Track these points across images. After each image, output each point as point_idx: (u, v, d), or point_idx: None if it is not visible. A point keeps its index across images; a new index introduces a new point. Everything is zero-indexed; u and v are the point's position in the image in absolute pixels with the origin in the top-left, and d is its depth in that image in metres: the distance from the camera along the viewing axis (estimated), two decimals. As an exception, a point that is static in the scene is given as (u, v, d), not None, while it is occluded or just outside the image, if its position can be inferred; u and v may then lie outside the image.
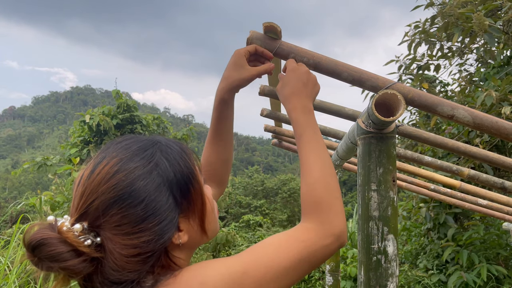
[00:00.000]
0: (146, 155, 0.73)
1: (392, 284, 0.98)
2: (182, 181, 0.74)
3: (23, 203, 6.89)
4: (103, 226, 0.68)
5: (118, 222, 0.67)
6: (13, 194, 28.60)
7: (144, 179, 0.70)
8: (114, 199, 0.68)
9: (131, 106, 8.17)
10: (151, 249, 0.68)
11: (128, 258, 0.67)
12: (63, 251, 0.64)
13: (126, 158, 0.72)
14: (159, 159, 0.73)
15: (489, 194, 2.22)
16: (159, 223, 0.69)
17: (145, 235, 0.68)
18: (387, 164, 1.00)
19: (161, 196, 0.70)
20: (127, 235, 0.67)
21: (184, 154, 0.77)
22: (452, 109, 0.95)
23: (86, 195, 0.69)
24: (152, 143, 0.75)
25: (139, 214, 0.68)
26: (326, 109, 1.55)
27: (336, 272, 2.89)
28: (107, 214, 0.67)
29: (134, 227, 0.68)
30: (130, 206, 0.68)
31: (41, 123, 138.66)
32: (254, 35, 1.01)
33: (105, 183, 0.68)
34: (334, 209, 0.81)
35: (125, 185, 0.68)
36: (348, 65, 1.00)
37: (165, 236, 0.70)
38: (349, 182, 36.44)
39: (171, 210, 0.71)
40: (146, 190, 0.69)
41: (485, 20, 3.84)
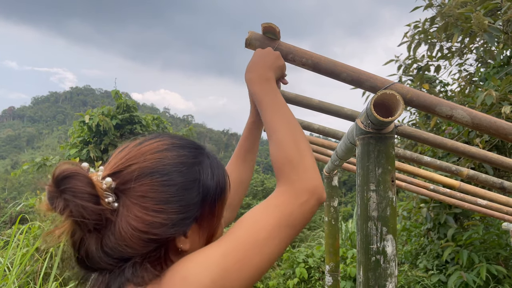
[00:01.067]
0: (195, 151, 0.76)
1: (391, 284, 0.98)
2: (213, 191, 0.74)
3: (22, 204, 6.88)
4: (128, 192, 0.68)
5: (144, 193, 0.67)
6: (13, 194, 28.58)
7: (187, 168, 0.71)
8: (153, 170, 0.69)
9: (131, 107, 8.17)
10: (157, 232, 0.67)
11: (134, 232, 0.66)
12: (87, 191, 0.64)
13: (178, 144, 0.75)
14: (204, 159, 0.76)
15: (489, 194, 2.22)
16: (178, 213, 0.69)
17: (161, 217, 0.67)
18: (386, 165, 1.00)
19: (193, 191, 0.71)
20: (145, 210, 0.67)
21: (224, 171, 0.80)
22: (450, 109, 0.95)
23: (127, 158, 0.70)
24: (201, 147, 0.79)
25: (166, 196, 0.68)
26: (325, 109, 1.55)
27: (336, 273, 2.89)
28: (139, 182, 0.68)
29: (156, 205, 0.67)
30: (162, 183, 0.68)
31: (41, 123, 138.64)
32: (253, 36, 1.01)
33: (152, 153, 0.71)
34: (303, 165, 0.78)
35: (169, 163, 0.70)
36: (347, 65, 1.00)
37: (175, 229, 0.69)
38: (348, 182, 36.44)
39: (192, 210, 0.71)
40: (184, 178, 0.70)
41: (484, 20, 3.84)
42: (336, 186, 2.91)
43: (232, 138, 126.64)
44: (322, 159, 2.80)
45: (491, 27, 3.95)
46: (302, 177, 0.77)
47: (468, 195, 2.48)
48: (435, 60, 5.83)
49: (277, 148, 0.82)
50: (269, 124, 0.86)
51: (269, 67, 0.95)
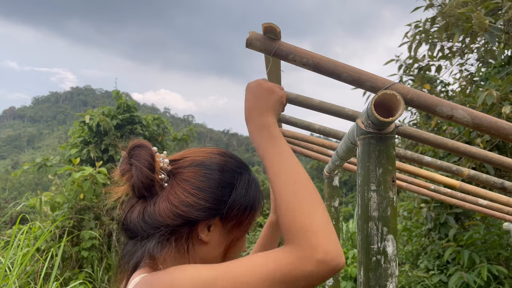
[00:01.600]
0: (241, 165, 0.90)
1: (391, 284, 0.98)
2: (243, 200, 0.85)
3: (23, 204, 6.89)
4: (177, 175, 0.84)
5: (187, 178, 0.83)
6: (13, 194, 28.61)
7: (228, 171, 0.86)
8: (201, 162, 0.85)
9: (131, 107, 8.17)
10: (185, 210, 0.80)
11: (168, 205, 0.80)
12: (147, 159, 0.81)
13: (229, 155, 0.91)
14: (245, 174, 0.89)
15: (489, 194, 2.21)
16: (206, 201, 0.81)
17: (191, 199, 0.81)
18: (386, 165, 1.00)
19: (224, 190, 0.83)
20: (183, 190, 0.82)
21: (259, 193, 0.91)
22: (451, 110, 0.94)
23: (188, 152, 0.89)
24: (248, 166, 0.92)
25: (202, 185, 0.82)
26: (326, 109, 1.55)
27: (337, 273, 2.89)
28: (187, 169, 0.84)
29: (192, 189, 0.82)
30: (204, 174, 0.83)
31: (41, 123, 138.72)
32: (253, 36, 1.01)
33: (206, 153, 0.88)
34: (312, 229, 0.71)
35: (215, 162, 0.86)
36: (347, 65, 1.00)
37: (200, 213, 0.81)
38: (349, 182, 36.44)
39: (218, 205, 0.82)
40: (222, 176, 0.84)
41: (485, 19, 3.83)
42: (336, 186, 2.91)
43: (232, 138, 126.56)
44: (323, 159, 2.80)
45: (492, 27, 3.95)
46: (311, 244, 0.70)
47: (469, 195, 2.48)
48: (436, 60, 5.82)
49: (282, 212, 0.76)
50: (273, 184, 0.80)
51: (265, 108, 0.88)
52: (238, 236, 0.86)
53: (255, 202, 0.88)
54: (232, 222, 0.84)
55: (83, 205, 6.39)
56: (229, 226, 0.84)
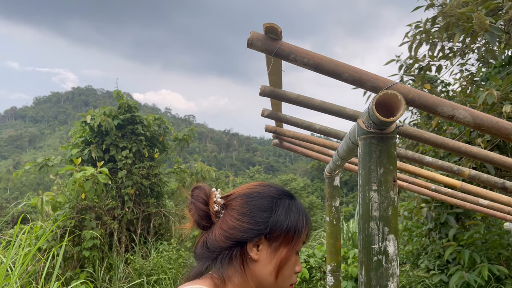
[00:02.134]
0: (282, 192, 1.05)
1: (392, 284, 0.98)
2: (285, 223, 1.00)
3: (24, 204, 6.90)
4: (229, 206, 1.01)
5: (235, 207, 1.00)
6: (15, 194, 28.64)
7: (268, 198, 1.01)
8: (245, 193, 1.02)
9: (132, 107, 8.16)
10: (232, 233, 0.97)
11: (220, 230, 0.98)
12: (202, 197, 1.01)
13: (271, 185, 1.07)
14: (286, 200, 1.03)
15: (490, 194, 2.21)
16: (249, 224, 0.97)
17: (237, 223, 0.97)
18: (387, 165, 1.00)
19: (264, 213, 0.99)
20: (231, 217, 0.99)
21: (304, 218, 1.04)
22: (452, 110, 0.95)
23: (239, 188, 1.06)
24: (290, 195, 1.07)
25: (246, 210, 0.99)
26: (327, 109, 1.55)
27: (337, 272, 2.89)
28: (235, 200, 1.02)
29: (238, 215, 0.99)
30: (247, 202, 1.00)
31: (43, 123, 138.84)
32: (254, 36, 1.01)
33: (251, 187, 1.05)
34: None
35: (257, 191, 1.03)
36: (348, 65, 1.00)
37: (245, 234, 0.97)
38: (350, 182, 36.42)
39: (260, 225, 0.98)
40: (261, 202, 1.01)
41: (485, 20, 3.83)
42: (337, 186, 2.91)
43: (233, 138, 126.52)
44: (324, 159, 2.80)
45: (493, 27, 3.95)
46: None
47: (470, 195, 2.48)
48: (436, 60, 5.82)
49: None
50: None
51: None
52: (287, 256, 1.00)
53: (297, 224, 1.01)
54: (277, 241, 0.99)
55: (84, 205, 6.40)
56: (275, 246, 0.99)
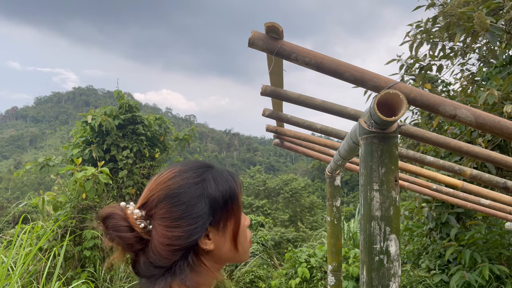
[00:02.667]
0: (198, 171, 0.92)
1: (394, 284, 0.98)
2: (221, 198, 0.90)
3: (25, 204, 6.90)
4: (154, 216, 0.87)
5: (163, 215, 0.86)
6: (16, 194, 28.66)
7: (190, 187, 0.89)
8: (165, 196, 0.88)
9: (133, 107, 8.16)
10: (180, 243, 0.85)
11: (163, 246, 0.85)
12: (122, 225, 0.85)
13: (183, 170, 0.92)
14: (206, 177, 0.91)
15: (492, 194, 2.21)
16: (191, 224, 0.86)
17: (177, 231, 0.85)
18: (389, 164, 1.00)
19: (199, 205, 0.88)
20: (166, 227, 0.85)
21: (230, 180, 0.94)
22: (454, 109, 0.94)
23: (150, 189, 0.90)
24: (206, 166, 0.95)
25: (179, 213, 0.86)
26: (328, 109, 1.55)
27: (338, 272, 2.89)
28: (158, 207, 0.87)
29: (172, 222, 0.86)
30: (173, 204, 0.87)
31: (44, 123, 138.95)
32: (256, 35, 1.01)
33: (164, 182, 0.90)
34: None
35: (176, 187, 0.88)
36: (350, 65, 1.00)
37: (193, 237, 0.86)
38: (351, 182, 36.40)
39: (203, 218, 0.87)
40: (188, 196, 0.88)
41: (486, 19, 3.83)
42: (338, 186, 2.91)
43: (234, 138, 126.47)
44: (325, 159, 2.80)
45: (493, 26, 3.95)
46: None
47: (471, 195, 2.47)
48: (437, 60, 5.81)
49: None
50: None
51: None
52: (236, 226, 0.93)
53: (231, 191, 0.92)
54: (223, 219, 0.91)
55: (85, 205, 6.40)
56: (223, 224, 0.91)
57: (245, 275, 8.22)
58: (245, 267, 8.78)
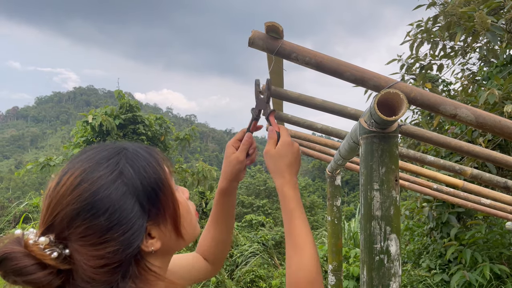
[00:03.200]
0: (110, 164, 0.72)
1: (395, 283, 0.98)
2: (149, 188, 0.73)
3: (26, 203, 6.91)
4: (70, 238, 0.67)
5: (84, 233, 0.67)
6: (17, 194, 28.70)
7: (108, 188, 0.69)
8: (78, 210, 0.67)
9: (134, 106, 8.18)
10: (118, 259, 0.68)
11: (96, 269, 0.66)
12: (27, 265, 0.63)
13: (90, 168, 0.70)
14: (123, 167, 0.72)
15: (492, 193, 2.21)
16: (125, 232, 0.69)
17: (111, 245, 0.67)
18: (389, 164, 1.00)
19: (126, 205, 0.69)
20: (93, 246, 0.67)
21: (152, 159, 0.76)
22: (454, 108, 0.94)
23: (52, 207, 0.68)
24: (117, 151, 0.74)
25: (104, 224, 0.67)
26: (328, 108, 1.55)
27: (339, 272, 2.89)
28: (72, 226, 0.67)
29: (100, 237, 0.67)
30: (94, 216, 0.67)
31: (44, 123, 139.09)
32: (256, 35, 1.01)
33: (69, 194, 0.68)
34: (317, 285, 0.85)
35: (88, 195, 0.68)
36: (350, 64, 0.99)
37: (133, 245, 0.69)
38: (351, 181, 36.41)
39: (138, 218, 0.70)
40: (110, 200, 0.68)
41: (487, 19, 3.82)
42: (338, 186, 2.91)
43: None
44: (325, 158, 2.80)
45: (494, 26, 3.94)
46: None
47: (472, 194, 2.47)
48: (437, 59, 5.81)
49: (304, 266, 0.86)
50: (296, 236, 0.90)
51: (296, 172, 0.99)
52: (176, 214, 0.77)
53: (157, 174, 0.75)
54: (160, 211, 0.75)
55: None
56: (161, 217, 0.75)
57: (245, 275, 8.22)
58: (245, 266, 8.78)
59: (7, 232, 8.83)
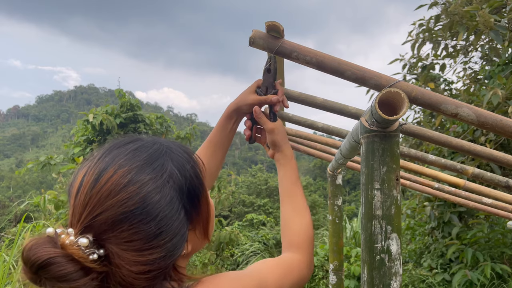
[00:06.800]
0: (158, 165, 0.68)
1: (395, 283, 0.98)
2: (193, 193, 0.71)
3: (27, 203, 6.92)
4: (110, 240, 0.63)
5: (129, 238, 0.63)
6: (18, 193, 28.74)
7: (158, 193, 0.65)
8: (125, 215, 0.63)
9: (134, 105, 8.19)
10: (162, 265, 0.66)
11: (138, 275, 0.64)
12: (72, 271, 0.58)
13: (136, 168, 0.66)
14: (172, 171, 0.69)
15: (494, 192, 2.20)
16: (172, 239, 0.67)
17: (157, 252, 0.65)
18: (390, 163, 0.99)
19: (174, 211, 0.67)
20: (138, 252, 0.63)
21: (192, 161, 0.74)
22: (456, 107, 0.94)
23: (91, 206, 0.63)
24: (162, 151, 0.70)
25: (152, 231, 0.64)
26: (329, 107, 1.54)
27: (340, 271, 2.89)
28: (116, 229, 0.63)
29: (146, 243, 0.64)
30: (142, 222, 0.63)
31: (45, 122, 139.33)
32: (256, 34, 1.01)
33: (115, 196, 0.63)
34: (313, 246, 1.01)
35: (138, 200, 0.63)
36: (351, 63, 0.99)
37: (178, 252, 0.69)
38: (352, 181, 36.40)
39: (183, 225, 0.69)
40: (159, 206, 0.65)
41: (490, 18, 3.81)
42: (340, 185, 2.91)
43: (235, 137, 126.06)
44: (326, 157, 2.79)
45: (497, 25, 3.93)
46: (313, 256, 0.99)
47: (473, 193, 2.47)
48: (440, 59, 5.80)
49: (305, 226, 1.01)
50: (300, 202, 1.05)
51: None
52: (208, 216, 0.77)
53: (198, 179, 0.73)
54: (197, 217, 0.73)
55: (86, 204, 6.41)
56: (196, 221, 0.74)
57: (246, 274, 8.20)
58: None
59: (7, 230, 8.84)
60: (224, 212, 17.21)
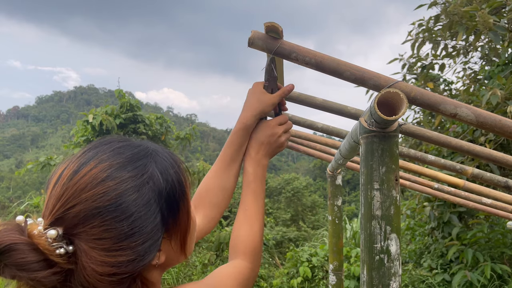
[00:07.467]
0: (140, 165, 0.66)
1: (395, 283, 0.98)
2: (173, 198, 0.68)
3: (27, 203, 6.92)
4: (80, 236, 0.60)
5: (99, 235, 0.60)
6: (17, 193, 28.74)
7: (135, 192, 0.63)
8: (99, 210, 0.60)
9: (134, 106, 8.19)
10: (129, 270, 0.62)
11: (102, 277, 0.60)
12: (33, 260, 0.56)
13: (118, 164, 0.64)
14: (153, 172, 0.67)
15: (493, 193, 2.20)
16: (144, 242, 0.63)
17: (126, 254, 0.62)
18: (389, 163, 1.00)
19: (149, 213, 0.64)
20: (106, 251, 0.60)
21: (177, 167, 0.71)
22: (455, 108, 0.94)
23: (66, 198, 0.61)
24: (147, 152, 0.69)
25: (124, 230, 0.61)
26: (329, 108, 1.54)
27: (340, 271, 2.89)
28: (88, 224, 0.60)
29: (116, 243, 0.61)
30: (115, 220, 0.61)
31: (45, 122, 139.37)
32: (255, 35, 1.01)
33: (91, 189, 0.61)
34: (260, 252, 0.98)
35: (114, 196, 0.61)
36: (350, 64, 0.99)
37: (148, 258, 0.65)
38: (352, 181, 36.40)
39: (158, 230, 0.66)
40: (135, 205, 0.62)
41: (489, 18, 3.82)
42: (339, 185, 2.91)
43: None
44: (326, 158, 2.80)
45: (496, 25, 3.94)
46: (259, 264, 0.97)
47: (473, 194, 2.47)
48: (439, 59, 5.80)
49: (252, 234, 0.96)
50: (249, 207, 0.98)
51: (271, 155, 1.06)
52: (187, 227, 0.73)
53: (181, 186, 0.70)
54: (174, 225, 0.70)
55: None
56: (173, 230, 0.70)
57: (246, 274, 8.21)
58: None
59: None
60: (225, 213, 17.20)
